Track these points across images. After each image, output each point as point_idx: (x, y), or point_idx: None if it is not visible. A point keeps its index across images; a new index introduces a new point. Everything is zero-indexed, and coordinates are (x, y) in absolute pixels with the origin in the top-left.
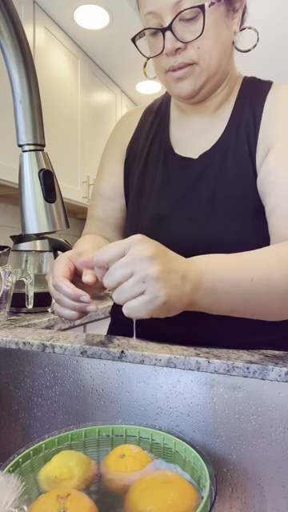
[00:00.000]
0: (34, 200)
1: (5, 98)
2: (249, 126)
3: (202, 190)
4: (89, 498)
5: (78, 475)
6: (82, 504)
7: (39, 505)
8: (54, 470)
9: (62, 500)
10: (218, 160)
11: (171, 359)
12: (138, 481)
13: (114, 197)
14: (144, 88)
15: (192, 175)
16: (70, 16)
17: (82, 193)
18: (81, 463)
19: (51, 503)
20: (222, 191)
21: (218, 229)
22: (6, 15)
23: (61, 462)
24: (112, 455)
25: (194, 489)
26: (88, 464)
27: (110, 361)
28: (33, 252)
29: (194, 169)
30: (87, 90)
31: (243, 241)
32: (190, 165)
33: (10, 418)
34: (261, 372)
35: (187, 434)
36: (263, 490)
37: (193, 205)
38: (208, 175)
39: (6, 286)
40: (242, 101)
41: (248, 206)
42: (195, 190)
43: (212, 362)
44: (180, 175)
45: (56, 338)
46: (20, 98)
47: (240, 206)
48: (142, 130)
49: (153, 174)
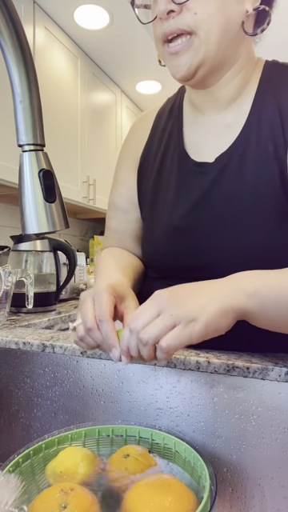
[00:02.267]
0: (33, 200)
1: (5, 98)
2: (274, 120)
3: (217, 196)
4: (92, 494)
5: (83, 471)
6: (83, 499)
7: (42, 498)
8: (60, 465)
9: (64, 494)
10: (236, 162)
11: (171, 359)
12: (136, 484)
13: (130, 209)
14: (144, 88)
15: (206, 181)
16: (69, 16)
17: (82, 193)
18: (86, 459)
19: (54, 497)
20: (240, 197)
21: (237, 238)
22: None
23: (67, 457)
24: (117, 454)
25: (192, 492)
26: (93, 460)
27: (110, 361)
28: (33, 252)
29: (209, 174)
30: (87, 90)
31: (268, 251)
32: (205, 170)
33: (9, 418)
34: (261, 372)
35: (187, 434)
36: (263, 490)
37: (208, 214)
38: (224, 180)
39: (6, 285)
40: (264, 90)
41: (272, 211)
42: (210, 198)
43: (212, 362)
44: (194, 182)
45: (56, 338)
46: (20, 98)
47: (262, 213)
48: (155, 136)
49: (167, 183)
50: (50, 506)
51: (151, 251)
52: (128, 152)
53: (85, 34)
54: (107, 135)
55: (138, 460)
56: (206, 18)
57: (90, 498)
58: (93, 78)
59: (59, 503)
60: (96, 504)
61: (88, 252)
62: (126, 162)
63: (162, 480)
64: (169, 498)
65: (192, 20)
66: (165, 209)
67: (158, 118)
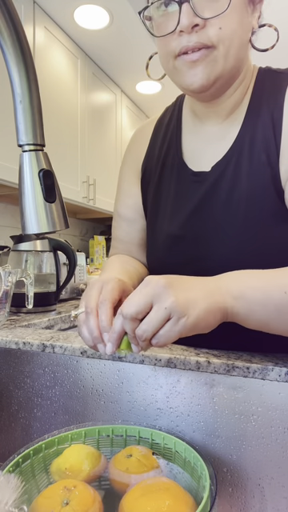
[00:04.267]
0: (33, 200)
1: (5, 97)
2: (266, 128)
3: (214, 204)
4: (94, 491)
5: (88, 468)
6: (85, 497)
7: (46, 493)
8: (65, 462)
9: (67, 491)
10: (231, 170)
11: (171, 359)
12: (134, 488)
13: (135, 218)
14: (144, 88)
15: (203, 190)
16: (70, 16)
17: (82, 193)
18: (91, 457)
19: (57, 493)
20: (236, 204)
21: (234, 247)
22: (6, 15)
23: (72, 454)
24: (121, 454)
25: (190, 497)
26: (98, 458)
27: (110, 361)
28: (33, 252)
29: (205, 183)
30: (87, 90)
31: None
32: (202, 179)
33: (10, 418)
34: (261, 372)
35: (187, 434)
36: (263, 490)
37: (205, 222)
38: (220, 188)
39: (6, 285)
40: (257, 99)
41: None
42: (207, 206)
43: (212, 362)
44: (192, 191)
45: (56, 338)
46: (20, 98)
47: (258, 219)
48: (155, 146)
49: (167, 192)
50: (53, 501)
51: (154, 260)
52: (130, 162)
53: (85, 33)
54: (107, 135)
55: (139, 461)
56: (228, 34)
57: (92, 495)
58: (93, 78)
59: (62, 499)
60: (98, 502)
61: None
62: (129, 171)
63: (159, 484)
64: (166, 503)
65: (216, 35)
66: (164, 218)
67: (157, 128)
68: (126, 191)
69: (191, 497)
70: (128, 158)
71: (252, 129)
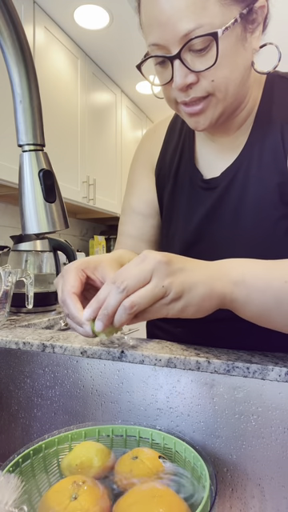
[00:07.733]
0: (33, 200)
1: (5, 98)
2: (275, 134)
3: (224, 211)
4: (103, 487)
5: (98, 465)
6: (93, 492)
7: (56, 487)
8: (76, 458)
9: (76, 486)
10: (241, 176)
11: (171, 359)
12: (127, 494)
13: (151, 214)
14: (144, 88)
15: (214, 196)
16: (70, 16)
17: (82, 193)
18: (101, 453)
19: (66, 487)
20: (245, 210)
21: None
22: (6, 15)
23: (82, 451)
24: (128, 455)
25: (185, 505)
26: (108, 455)
27: (110, 361)
28: (33, 252)
29: (216, 189)
30: (87, 90)
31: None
32: (212, 186)
33: (9, 418)
34: (261, 372)
35: (187, 434)
36: (263, 490)
37: (216, 228)
38: (230, 194)
39: (6, 286)
40: (267, 106)
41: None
42: (217, 214)
43: (212, 362)
44: (203, 197)
45: (56, 338)
46: (20, 98)
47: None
48: (169, 148)
49: (180, 198)
50: (62, 495)
51: None
52: (144, 158)
53: (85, 33)
54: (107, 135)
55: (144, 464)
56: (222, 82)
57: (100, 491)
58: (93, 77)
59: (71, 494)
60: (106, 498)
61: (88, 252)
62: (143, 169)
63: (154, 490)
64: (160, 510)
65: (210, 86)
66: (178, 224)
67: (171, 131)
68: (141, 187)
69: (187, 506)
70: (141, 156)
71: (261, 135)
